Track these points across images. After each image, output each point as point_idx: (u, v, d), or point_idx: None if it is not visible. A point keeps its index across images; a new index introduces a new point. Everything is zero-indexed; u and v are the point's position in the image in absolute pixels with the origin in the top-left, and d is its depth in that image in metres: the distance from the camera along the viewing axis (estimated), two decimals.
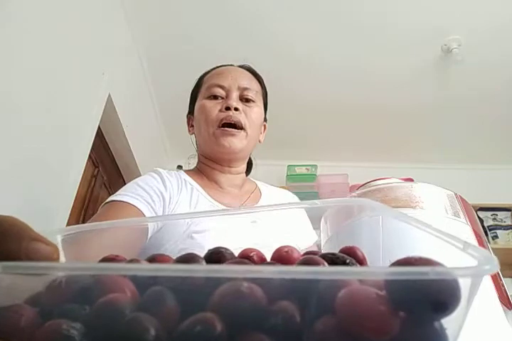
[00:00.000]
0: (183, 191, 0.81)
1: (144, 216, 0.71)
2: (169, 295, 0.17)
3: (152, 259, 0.24)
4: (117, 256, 0.24)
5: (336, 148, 2.72)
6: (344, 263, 0.21)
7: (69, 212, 1.45)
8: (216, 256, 0.24)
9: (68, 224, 1.46)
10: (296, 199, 0.99)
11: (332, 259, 0.21)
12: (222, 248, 0.25)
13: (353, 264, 0.21)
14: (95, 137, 1.68)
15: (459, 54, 2.02)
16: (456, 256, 0.18)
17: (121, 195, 0.74)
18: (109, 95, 1.77)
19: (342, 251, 0.25)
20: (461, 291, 0.15)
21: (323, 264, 0.19)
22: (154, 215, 0.73)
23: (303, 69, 2.21)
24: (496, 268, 0.16)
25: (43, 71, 1.27)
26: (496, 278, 0.42)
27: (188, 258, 0.21)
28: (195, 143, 0.96)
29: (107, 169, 2.07)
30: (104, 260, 0.24)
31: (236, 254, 0.26)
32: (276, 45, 2.07)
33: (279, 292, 0.16)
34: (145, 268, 0.17)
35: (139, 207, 0.71)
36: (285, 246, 0.25)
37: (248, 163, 0.97)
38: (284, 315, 0.15)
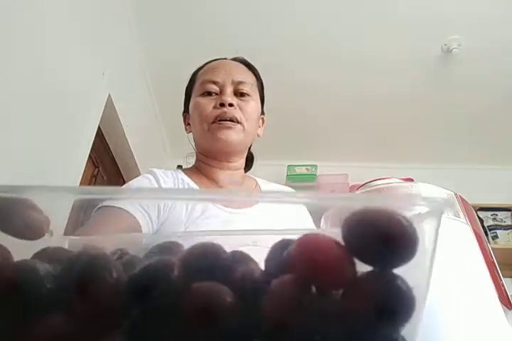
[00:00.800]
0: None
1: (137, 220, 0.69)
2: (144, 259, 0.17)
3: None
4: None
5: (336, 148, 2.72)
6: None
7: (69, 212, 1.45)
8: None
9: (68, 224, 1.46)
10: None
11: None
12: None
13: None
14: (95, 137, 1.68)
15: (459, 54, 2.02)
16: None
17: (113, 200, 0.71)
18: (109, 95, 1.77)
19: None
20: (414, 228, 0.14)
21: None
22: (148, 219, 0.71)
23: (303, 70, 2.21)
24: (451, 204, 0.15)
25: (43, 71, 1.27)
26: (495, 278, 0.42)
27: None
28: (192, 142, 0.94)
29: (107, 169, 2.07)
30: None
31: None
32: (277, 46, 2.07)
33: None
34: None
35: (130, 211, 0.70)
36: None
37: (248, 159, 0.95)
38: (245, 269, 0.15)
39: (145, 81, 2.26)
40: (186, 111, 0.94)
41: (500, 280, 0.42)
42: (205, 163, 0.89)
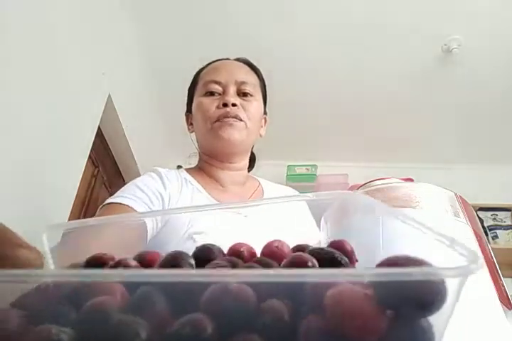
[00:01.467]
0: (183, 190, 0.80)
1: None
2: (158, 297, 0.16)
3: (141, 256, 0.24)
4: (105, 254, 0.24)
5: (336, 148, 2.72)
6: (333, 258, 0.20)
7: (69, 212, 1.45)
8: (205, 253, 0.23)
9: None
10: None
11: (320, 255, 0.21)
12: (210, 244, 0.24)
13: (341, 259, 0.21)
14: (95, 137, 1.68)
15: (459, 54, 2.02)
16: (449, 254, 0.18)
17: (119, 197, 0.73)
18: (109, 95, 1.77)
19: (331, 244, 0.24)
20: (446, 291, 0.15)
21: (312, 262, 0.19)
22: (152, 216, 0.72)
23: (303, 70, 2.21)
24: (481, 267, 0.16)
25: (43, 71, 1.27)
26: (495, 278, 0.42)
27: (176, 258, 0.21)
28: (195, 141, 0.94)
29: (107, 169, 2.07)
30: (92, 260, 0.24)
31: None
32: (277, 46, 2.07)
33: (268, 291, 0.16)
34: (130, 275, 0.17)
35: (137, 209, 0.70)
36: (275, 241, 0.25)
37: (250, 159, 0.96)
38: (273, 314, 0.15)
39: (145, 81, 2.26)
40: (189, 111, 0.94)
41: (500, 280, 0.42)
42: (208, 163, 0.89)
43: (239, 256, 0.24)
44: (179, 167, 2.66)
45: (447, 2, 1.86)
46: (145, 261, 0.23)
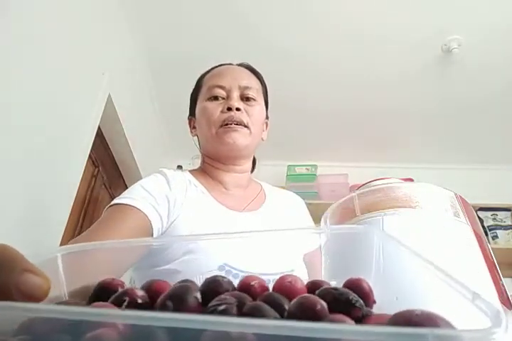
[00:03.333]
0: (188, 192, 0.80)
1: (149, 219, 0.70)
2: (159, 334, 0.16)
3: (149, 285, 0.24)
4: (113, 279, 0.24)
5: (336, 148, 2.72)
6: (347, 300, 0.20)
7: (69, 212, 1.45)
8: (213, 286, 0.23)
9: (68, 224, 1.46)
10: (301, 201, 0.98)
11: (334, 295, 0.20)
12: (220, 276, 0.24)
13: (356, 301, 0.20)
14: (95, 137, 1.68)
15: (459, 54, 2.02)
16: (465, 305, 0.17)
17: (125, 198, 0.73)
18: (109, 95, 1.77)
19: (347, 283, 0.24)
20: None
21: (320, 305, 0.18)
22: (158, 217, 0.72)
23: (303, 70, 2.21)
24: (505, 330, 0.14)
25: (43, 71, 1.27)
26: (495, 278, 0.42)
27: (182, 293, 0.20)
28: (198, 145, 0.95)
29: (107, 169, 2.07)
30: (101, 287, 0.24)
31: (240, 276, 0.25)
32: (277, 47, 2.07)
33: (274, 339, 0.15)
34: (128, 316, 0.16)
35: (142, 209, 0.71)
36: (288, 276, 0.24)
37: (252, 162, 0.97)
38: None
39: (145, 81, 2.26)
40: (192, 114, 0.95)
41: (500, 280, 0.42)
42: (212, 166, 0.90)
43: (249, 290, 0.23)
44: (179, 167, 2.66)
45: (447, 2, 1.86)
46: (152, 290, 0.23)
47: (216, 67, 0.96)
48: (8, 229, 1.07)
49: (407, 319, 0.16)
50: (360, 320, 0.19)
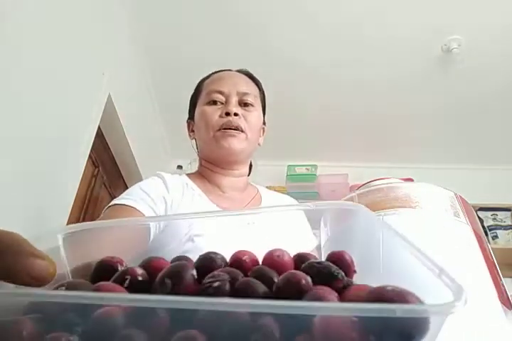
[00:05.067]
0: (185, 195, 0.82)
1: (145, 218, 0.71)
2: (160, 309, 0.17)
3: (147, 263, 0.25)
4: (113, 257, 0.25)
5: (336, 148, 2.72)
6: (330, 273, 0.21)
7: (69, 212, 1.45)
8: (207, 262, 0.24)
9: (68, 224, 1.46)
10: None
11: (318, 269, 0.22)
12: (213, 253, 0.25)
13: (338, 273, 0.21)
14: (95, 137, 1.68)
15: (459, 54, 2.02)
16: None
17: (124, 199, 0.75)
18: (109, 95, 1.77)
19: (330, 256, 0.25)
20: (428, 324, 0.16)
21: (305, 280, 0.20)
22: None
23: (302, 70, 2.21)
24: (465, 303, 0.16)
25: (43, 71, 1.27)
26: (495, 278, 0.42)
27: (179, 271, 0.21)
28: (195, 148, 0.97)
29: (107, 169, 2.07)
30: (101, 265, 0.25)
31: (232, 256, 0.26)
32: (276, 47, 2.07)
33: (259, 313, 0.17)
34: (124, 298, 0.18)
35: (141, 210, 0.72)
36: (276, 250, 0.25)
37: (249, 166, 0.98)
38: (264, 331, 0.16)
39: (145, 81, 2.26)
40: (191, 118, 0.97)
41: (500, 280, 0.42)
42: (209, 169, 0.91)
43: (241, 264, 0.24)
44: (179, 167, 2.67)
45: (447, 2, 1.86)
46: (150, 268, 0.24)
47: (216, 72, 0.98)
48: (8, 229, 1.07)
49: (379, 295, 0.17)
50: (341, 290, 0.21)
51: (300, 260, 0.25)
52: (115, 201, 0.75)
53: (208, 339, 0.16)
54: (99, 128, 1.75)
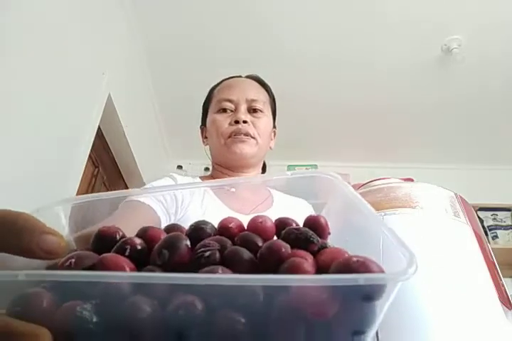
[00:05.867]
0: (195, 194, 0.84)
1: (158, 215, 0.74)
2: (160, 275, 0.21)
3: (144, 232, 0.28)
4: (109, 227, 0.28)
5: (336, 148, 2.72)
6: (306, 240, 0.25)
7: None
8: (198, 231, 0.27)
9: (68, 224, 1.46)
10: (310, 207, 0.99)
11: (296, 235, 0.25)
12: (203, 223, 0.28)
13: (313, 239, 0.25)
14: (95, 137, 1.68)
15: (459, 54, 2.02)
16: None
17: (137, 196, 0.77)
18: (109, 95, 1.77)
19: (307, 220, 0.29)
20: (385, 289, 0.19)
21: (285, 248, 0.23)
22: (166, 213, 0.76)
23: (303, 70, 2.21)
24: (414, 271, 0.19)
25: (43, 71, 1.27)
26: (496, 278, 0.42)
27: (174, 240, 0.24)
28: (208, 154, 1.00)
29: (107, 169, 2.07)
30: (100, 234, 0.27)
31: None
32: (277, 46, 2.07)
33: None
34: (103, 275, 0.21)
35: (153, 206, 0.75)
36: (259, 217, 0.28)
37: (262, 168, 1.01)
38: (251, 294, 0.19)
39: (145, 81, 2.26)
40: (204, 124, 1.00)
41: (500, 280, 0.42)
42: (221, 172, 0.95)
43: (228, 231, 0.27)
44: (179, 167, 2.67)
45: (447, 2, 1.86)
46: (147, 237, 0.27)
47: (226, 79, 1.00)
48: None
49: (347, 266, 0.20)
50: (316, 252, 0.24)
51: (281, 225, 0.28)
52: (128, 197, 0.77)
53: (203, 303, 0.19)
54: (99, 128, 1.75)
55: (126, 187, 2.38)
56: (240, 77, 1.00)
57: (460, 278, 0.40)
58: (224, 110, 0.92)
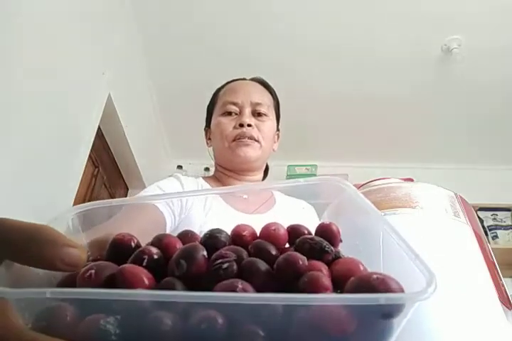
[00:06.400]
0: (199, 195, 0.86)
1: (163, 215, 0.75)
2: (179, 285, 0.21)
3: (159, 241, 0.28)
4: (124, 236, 0.27)
5: (336, 148, 2.72)
6: (321, 250, 0.25)
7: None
8: (213, 241, 0.27)
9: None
10: (312, 209, 1.00)
11: (311, 246, 0.25)
12: (217, 232, 0.28)
13: (328, 248, 0.25)
14: (95, 137, 1.68)
15: (459, 54, 2.02)
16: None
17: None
18: (109, 95, 1.77)
19: (319, 227, 0.29)
20: (404, 308, 0.19)
21: (302, 260, 0.23)
22: (171, 213, 0.76)
23: (303, 70, 2.21)
24: (434, 291, 0.19)
25: (43, 71, 1.27)
26: (496, 278, 0.42)
27: (193, 250, 0.24)
28: (212, 155, 1.01)
29: (107, 169, 2.07)
30: (115, 242, 0.27)
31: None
32: (277, 46, 2.07)
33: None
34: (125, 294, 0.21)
35: (157, 205, 0.76)
36: (272, 224, 0.29)
37: (264, 170, 1.02)
38: (271, 311, 0.19)
39: (145, 81, 2.26)
40: (208, 126, 1.01)
41: (500, 280, 0.42)
42: (224, 174, 0.95)
43: (241, 239, 0.28)
44: (179, 167, 2.67)
45: (447, 2, 1.86)
46: (163, 246, 0.27)
47: (230, 82, 1.01)
48: None
49: (366, 282, 0.20)
50: (330, 262, 0.25)
51: (293, 232, 0.29)
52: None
53: (225, 318, 0.19)
54: (99, 128, 1.75)
55: (126, 187, 2.38)
56: (245, 79, 1.01)
57: (460, 278, 0.40)
58: (229, 113, 0.92)
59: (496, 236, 2.42)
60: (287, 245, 0.28)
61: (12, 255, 0.22)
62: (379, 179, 0.55)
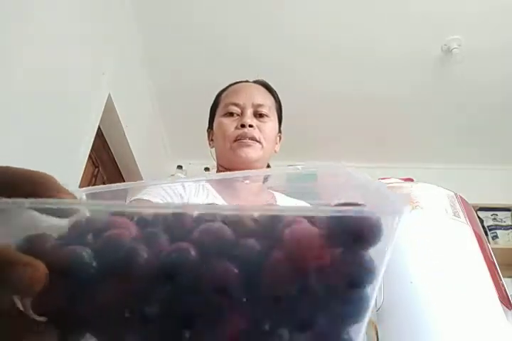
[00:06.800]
0: (199, 194, 0.87)
1: None
2: (162, 234, 0.22)
3: None
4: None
5: (336, 148, 2.72)
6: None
7: None
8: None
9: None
10: None
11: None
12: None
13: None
14: (95, 137, 1.68)
15: (459, 54, 2.02)
16: None
17: (144, 195, 0.80)
18: (109, 95, 1.77)
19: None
20: (380, 226, 0.18)
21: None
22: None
23: (303, 70, 2.21)
24: (409, 207, 0.18)
25: (43, 71, 1.27)
26: (496, 278, 0.42)
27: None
28: (214, 156, 1.02)
29: (107, 169, 2.07)
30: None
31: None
32: (277, 46, 2.07)
33: (245, 230, 0.21)
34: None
35: (151, 200, 0.77)
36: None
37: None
38: (246, 246, 0.20)
39: (145, 81, 2.26)
40: (210, 127, 1.02)
41: (500, 280, 0.42)
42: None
43: None
44: (179, 167, 2.67)
45: (447, 2, 1.86)
46: None
47: (233, 84, 1.02)
48: None
49: (338, 205, 0.20)
50: None
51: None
52: (136, 196, 0.79)
53: (198, 251, 0.20)
54: (99, 128, 1.75)
55: None
56: (248, 81, 1.02)
57: (460, 278, 0.40)
58: (231, 114, 0.94)
59: (496, 236, 2.42)
60: None
61: (11, 195, 0.23)
62: (379, 179, 0.55)
